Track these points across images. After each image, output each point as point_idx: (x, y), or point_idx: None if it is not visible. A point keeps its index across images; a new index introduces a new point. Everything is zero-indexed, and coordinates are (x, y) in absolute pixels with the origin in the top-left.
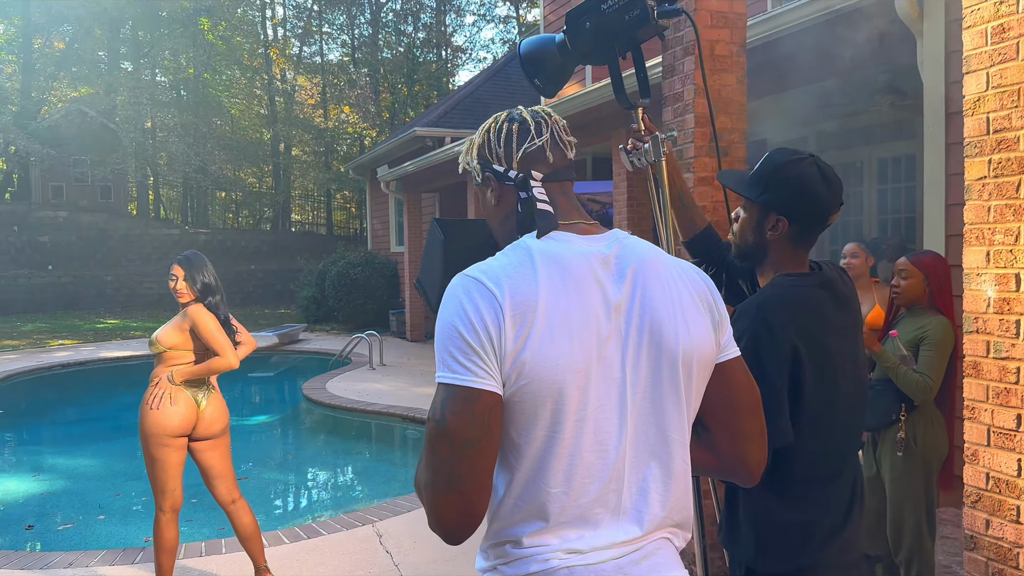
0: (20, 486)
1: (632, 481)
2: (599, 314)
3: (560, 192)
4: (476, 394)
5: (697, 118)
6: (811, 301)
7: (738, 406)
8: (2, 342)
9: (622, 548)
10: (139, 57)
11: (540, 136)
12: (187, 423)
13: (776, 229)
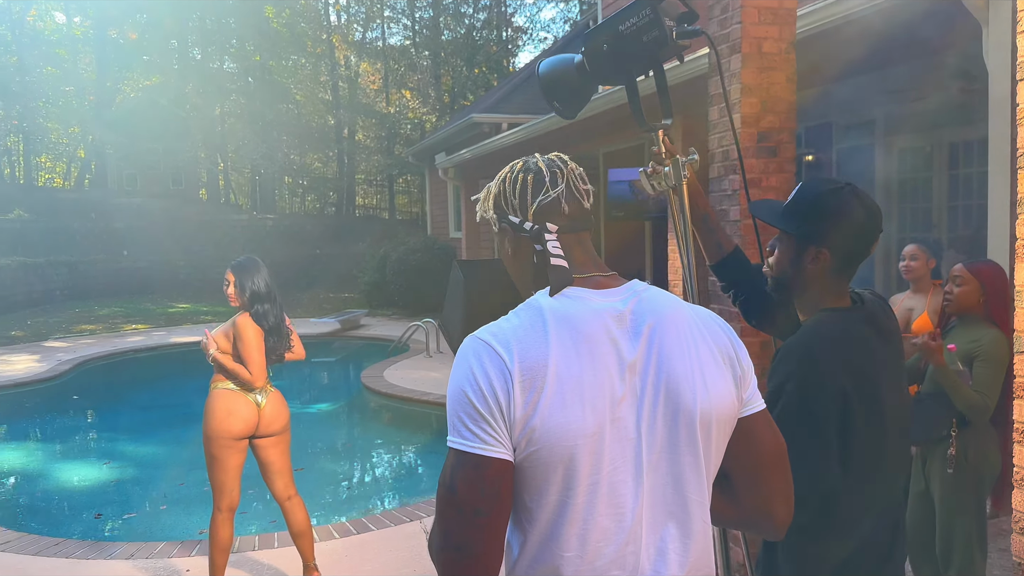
0: (92, 473)
1: (650, 542)
2: (612, 375)
3: (576, 243)
4: (486, 462)
5: (743, 118)
6: (859, 339)
7: (763, 461)
8: (80, 326)
9: None
10: (208, 45)
11: (555, 187)
12: (250, 425)
13: (817, 262)
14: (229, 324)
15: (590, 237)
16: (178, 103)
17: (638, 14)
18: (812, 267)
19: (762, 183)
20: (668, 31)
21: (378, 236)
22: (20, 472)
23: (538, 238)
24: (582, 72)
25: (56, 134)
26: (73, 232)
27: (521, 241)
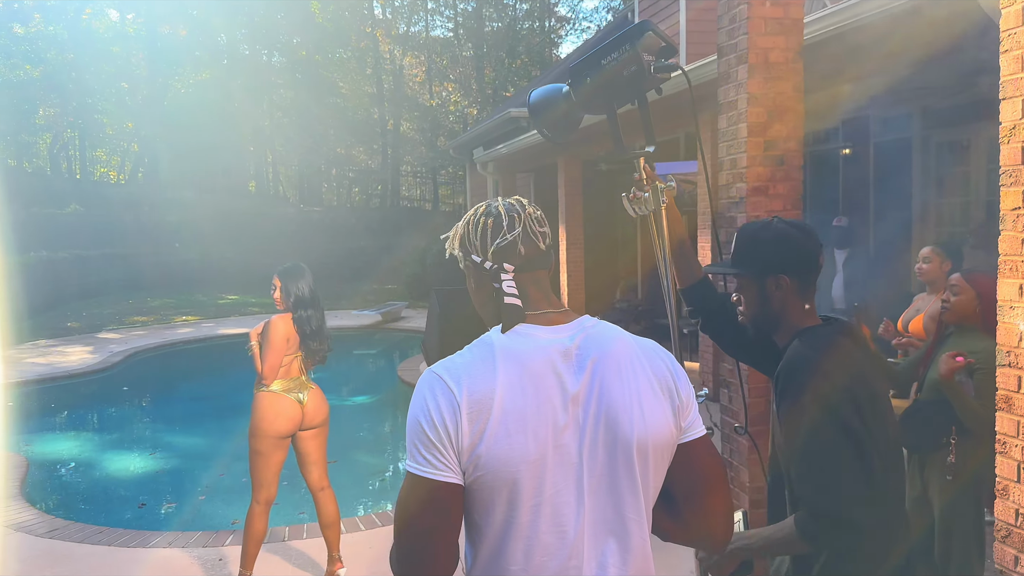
0: (137, 463)
1: (591, 556)
2: (556, 406)
3: (531, 282)
4: (436, 485)
5: (750, 127)
6: (847, 349)
7: (702, 483)
8: (133, 317)
9: None
10: (256, 41)
11: (512, 231)
12: (295, 424)
13: (780, 288)
14: (266, 324)
15: (547, 275)
16: (227, 98)
17: (619, 49)
18: (777, 294)
19: (769, 191)
20: (646, 65)
21: (421, 228)
22: (69, 461)
23: (495, 277)
24: (569, 102)
25: (111, 129)
26: (126, 225)
27: (482, 278)
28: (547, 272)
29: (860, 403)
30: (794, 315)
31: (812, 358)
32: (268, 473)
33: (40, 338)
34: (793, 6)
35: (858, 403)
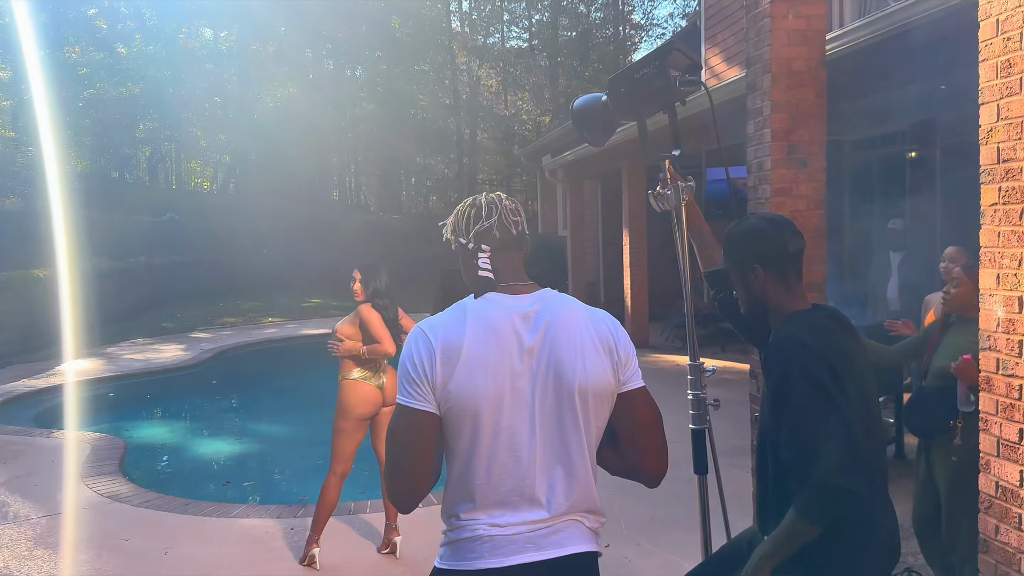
0: (225, 447)
1: (541, 479)
2: (513, 356)
3: (504, 260)
4: (414, 412)
5: (773, 132)
6: (831, 329)
7: (638, 426)
8: (223, 319)
9: (534, 525)
10: (340, 56)
11: (489, 219)
12: (375, 407)
13: (756, 278)
14: (354, 315)
15: (520, 256)
16: (313, 111)
17: (650, 65)
18: (756, 284)
19: (792, 192)
20: (672, 80)
21: None
22: (161, 444)
23: (475, 255)
24: (606, 110)
25: (204, 142)
26: (218, 232)
27: (467, 256)
28: (520, 253)
29: (841, 377)
30: (779, 301)
31: (797, 337)
32: (347, 450)
33: (138, 337)
34: (815, 18)
35: (839, 377)
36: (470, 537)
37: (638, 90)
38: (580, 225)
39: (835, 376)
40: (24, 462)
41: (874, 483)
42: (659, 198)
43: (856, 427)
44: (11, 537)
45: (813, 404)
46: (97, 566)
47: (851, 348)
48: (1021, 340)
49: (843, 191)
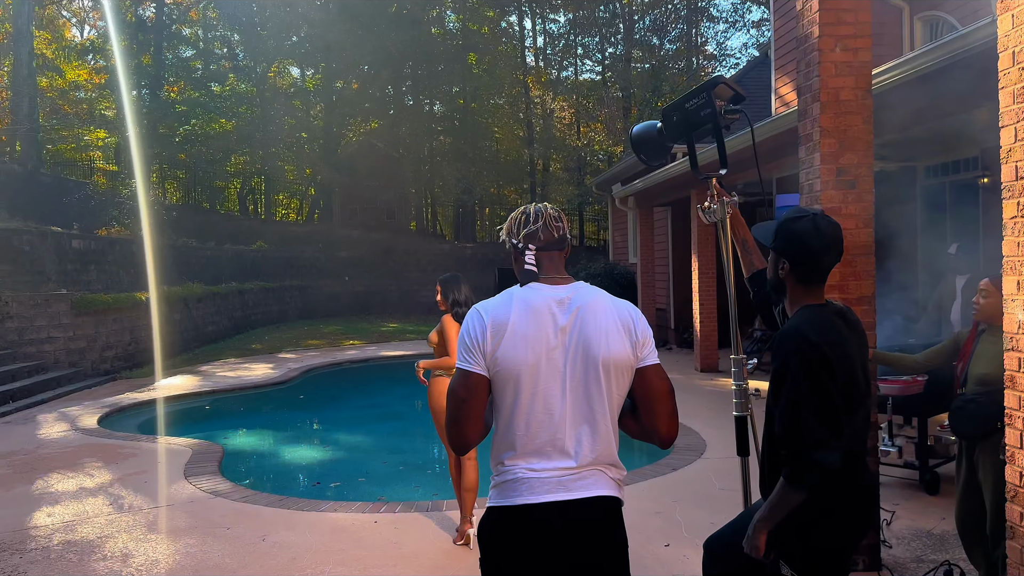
0: (314, 453)
1: (571, 434)
2: (549, 333)
3: (547, 258)
4: (469, 374)
5: (823, 156)
6: (833, 324)
7: (652, 396)
8: (308, 341)
9: (563, 472)
10: (418, 92)
11: (536, 224)
12: None
13: (783, 270)
14: (439, 324)
15: (561, 255)
16: (392, 145)
17: (699, 95)
18: (780, 274)
19: (841, 211)
20: (719, 109)
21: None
22: (256, 449)
23: (522, 252)
24: (661, 135)
25: (291, 175)
26: (304, 260)
27: (517, 254)
28: (561, 253)
29: (832, 366)
30: (794, 293)
31: (801, 327)
32: (444, 440)
33: (229, 357)
34: (861, 51)
35: (830, 365)
36: (512, 479)
37: (688, 117)
38: (649, 252)
39: (827, 365)
40: (134, 463)
41: (853, 457)
42: (707, 212)
43: (839, 411)
44: (128, 524)
45: (804, 388)
46: (203, 549)
47: (849, 341)
48: None
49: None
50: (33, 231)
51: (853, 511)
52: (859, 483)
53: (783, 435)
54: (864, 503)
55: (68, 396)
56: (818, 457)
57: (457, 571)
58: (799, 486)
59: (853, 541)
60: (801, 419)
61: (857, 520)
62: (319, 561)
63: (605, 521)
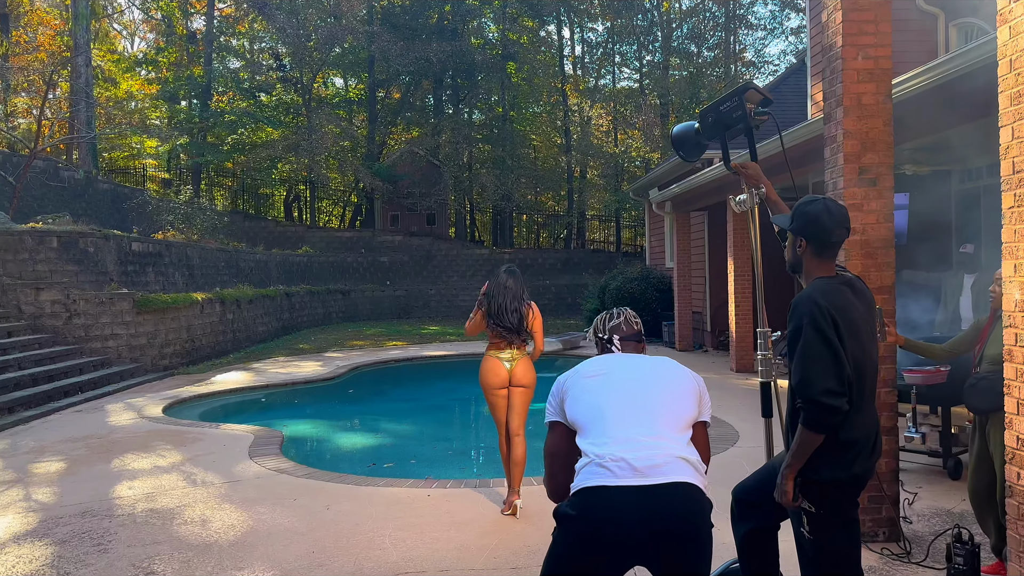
0: (366, 440)
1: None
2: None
3: (627, 346)
4: (553, 424)
5: (846, 156)
6: (839, 292)
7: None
8: (352, 342)
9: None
10: (458, 101)
11: (618, 319)
12: (502, 379)
13: (801, 247)
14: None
15: (639, 347)
16: (433, 153)
17: (731, 100)
18: (799, 251)
19: (863, 207)
20: (748, 112)
21: (602, 268)
22: (312, 436)
23: (609, 341)
24: (698, 134)
25: (335, 183)
26: (347, 265)
27: (602, 345)
28: (639, 345)
29: (839, 327)
30: (811, 268)
31: (812, 296)
32: (495, 416)
33: (278, 356)
34: (882, 59)
35: (838, 327)
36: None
37: (722, 118)
38: (686, 256)
39: (835, 327)
40: (201, 446)
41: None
42: (739, 202)
43: (844, 364)
44: (202, 496)
45: (815, 346)
46: (273, 516)
47: (855, 307)
48: None
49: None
50: (97, 234)
51: (861, 447)
52: (866, 424)
53: (798, 386)
54: (870, 441)
55: (131, 389)
56: (828, 402)
57: (506, 536)
58: (815, 429)
59: (861, 474)
60: (812, 370)
61: (864, 455)
62: (379, 526)
63: None
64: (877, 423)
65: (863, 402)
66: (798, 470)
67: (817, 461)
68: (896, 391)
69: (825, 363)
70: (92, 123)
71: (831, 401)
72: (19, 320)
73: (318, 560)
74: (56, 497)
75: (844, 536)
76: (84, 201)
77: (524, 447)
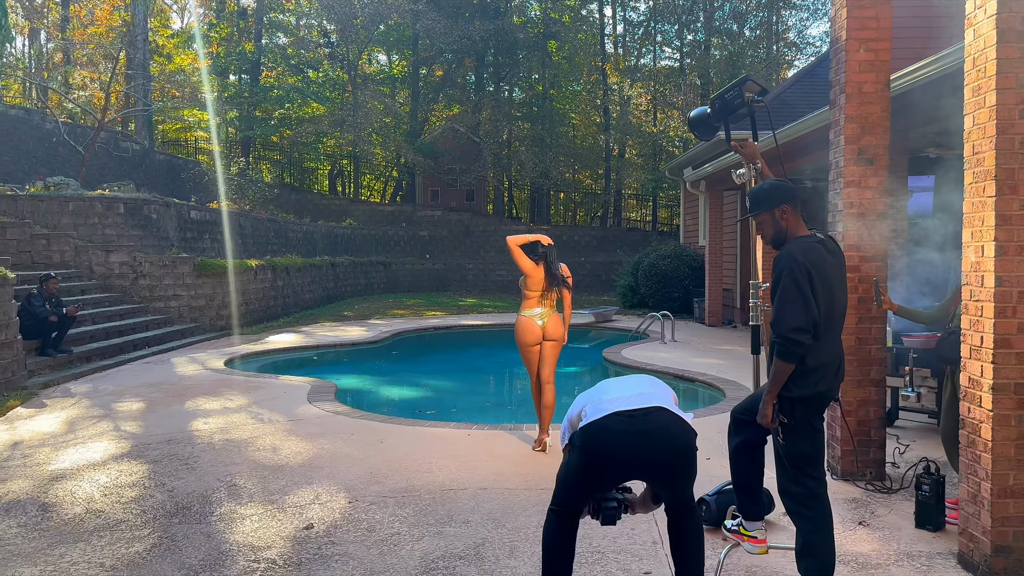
0: (411, 392)
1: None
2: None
3: None
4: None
5: (846, 138)
6: (815, 248)
7: None
8: (393, 311)
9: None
10: (499, 79)
11: None
12: (536, 337)
13: (784, 215)
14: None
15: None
16: (473, 130)
17: (734, 89)
18: (783, 220)
19: (861, 184)
20: (748, 100)
21: (637, 246)
22: (363, 388)
23: None
24: (709, 117)
25: (377, 158)
26: (388, 238)
27: None
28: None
29: (812, 278)
30: (794, 229)
31: (792, 251)
32: (529, 367)
33: (325, 321)
34: (881, 52)
35: (812, 277)
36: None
37: (726, 104)
38: (718, 234)
39: (808, 277)
40: (264, 392)
41: (829, 337)
42: (738, 175)
43: (813, 308)
44: (270, 430)
45: (790, 292)
46: (334, 446)
47: (828, 262)
48: (983, 275)
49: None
50: (159, 201)
51: (826, 371)
52: (831, 353)
53: (773, 324)
54: (833, 366)
55: (191, 346)
56: (795, 337)
57: (537, 466)
58: (785, 359)
59: (826, 391)
60: (785, 312)
61: (828, 377)
62: (426, 456)
63: None
64: (841, 353)
65: (829, 336)
66: (775, 394)
67: (790, 382)
68: (884, 347)
69: (797, 307)
70: (148, 97)
71: (798, 336)
72: (91, 280)
73: (375, 479)
74: (142, 429)
75: (809, 442)
76: (142, 171)
77: (553, 393)
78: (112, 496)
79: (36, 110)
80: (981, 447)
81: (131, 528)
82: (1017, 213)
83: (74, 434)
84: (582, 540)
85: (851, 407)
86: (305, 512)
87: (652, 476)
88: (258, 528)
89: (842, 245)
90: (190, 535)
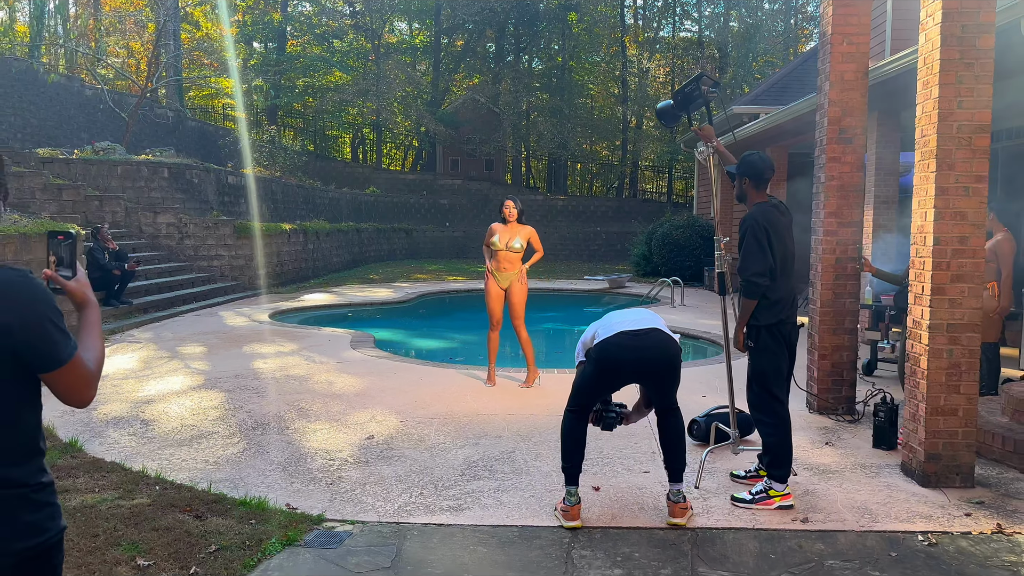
0: (440, 344)
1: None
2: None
3: None
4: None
5: (829, 120)
6: (770, 212)
7: None
8: (416, 275)
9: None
10: (519, 49)
11: None
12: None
13: (744, 183)
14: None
15: None
16: (492, 100)
17: (692, 84)
18: (743, 186)
19: (840, 159)
20: (704, 92)
21: (652, 216)
22: (398, 339)
23: None
24: (673, 108)
25: (401, 128)
26: (410, 206)
27: None
28: None
29: (769, 235)
30: (752, 197)
31: (754, 214)
32: (491, 311)
33: (352, 284)
34: (862, 44)
35: (769, 234)
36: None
37: (686, 96)
38: (728, 204)
39: (766, 235)
40: (310, 341)
41: (784, 279)
42: (699, 151)
43: (769, 258)
44: (323, 369)
45: (751, 245)
46: (381, 381)
47: (781, 223)
48: (926, 236)
49: None
50: (200, 166)
51: (783, 304)
52: (785, 291)
53: (741, 270)
54: (788, 300)
55: (234, 302)
56: (755, 280)
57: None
58: (749, 296)
59: (785, 319)
60: (748, 260)
61: (786, 309)
62: (460, 391)
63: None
64: (793, 291)
65: (784, 278)
66: (744, 324)
67: (758, 313)
68: (857, 300)
69: (756, 257)
70: (179, 64)
71: (757, 279)
72: (140, 239)
73: (420, 406)
74: (209, 367)
75: (770, 361)
76: (176, 137)
77: (528, 337)
78: (200, 415)
79: (76, 77)
80: (920, 375)
81: (222, 437)
82: (953, 186)
83: (151, 370)
84: (595, 449)
85: (827, 352)
86: (365, 428)
87: (648, 380)
88: (328, 438)
89: (823, 213)
90: (273, 442)
